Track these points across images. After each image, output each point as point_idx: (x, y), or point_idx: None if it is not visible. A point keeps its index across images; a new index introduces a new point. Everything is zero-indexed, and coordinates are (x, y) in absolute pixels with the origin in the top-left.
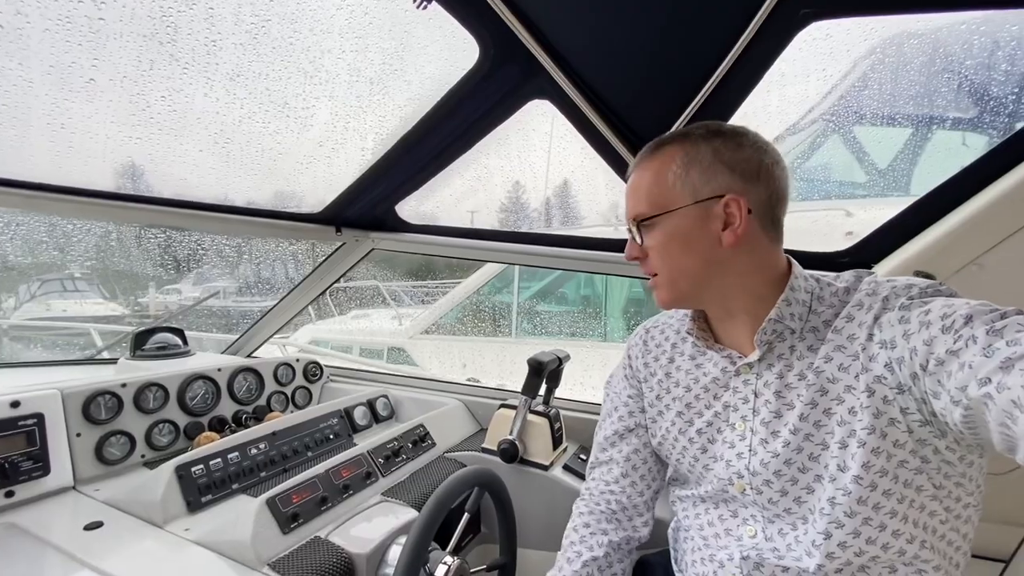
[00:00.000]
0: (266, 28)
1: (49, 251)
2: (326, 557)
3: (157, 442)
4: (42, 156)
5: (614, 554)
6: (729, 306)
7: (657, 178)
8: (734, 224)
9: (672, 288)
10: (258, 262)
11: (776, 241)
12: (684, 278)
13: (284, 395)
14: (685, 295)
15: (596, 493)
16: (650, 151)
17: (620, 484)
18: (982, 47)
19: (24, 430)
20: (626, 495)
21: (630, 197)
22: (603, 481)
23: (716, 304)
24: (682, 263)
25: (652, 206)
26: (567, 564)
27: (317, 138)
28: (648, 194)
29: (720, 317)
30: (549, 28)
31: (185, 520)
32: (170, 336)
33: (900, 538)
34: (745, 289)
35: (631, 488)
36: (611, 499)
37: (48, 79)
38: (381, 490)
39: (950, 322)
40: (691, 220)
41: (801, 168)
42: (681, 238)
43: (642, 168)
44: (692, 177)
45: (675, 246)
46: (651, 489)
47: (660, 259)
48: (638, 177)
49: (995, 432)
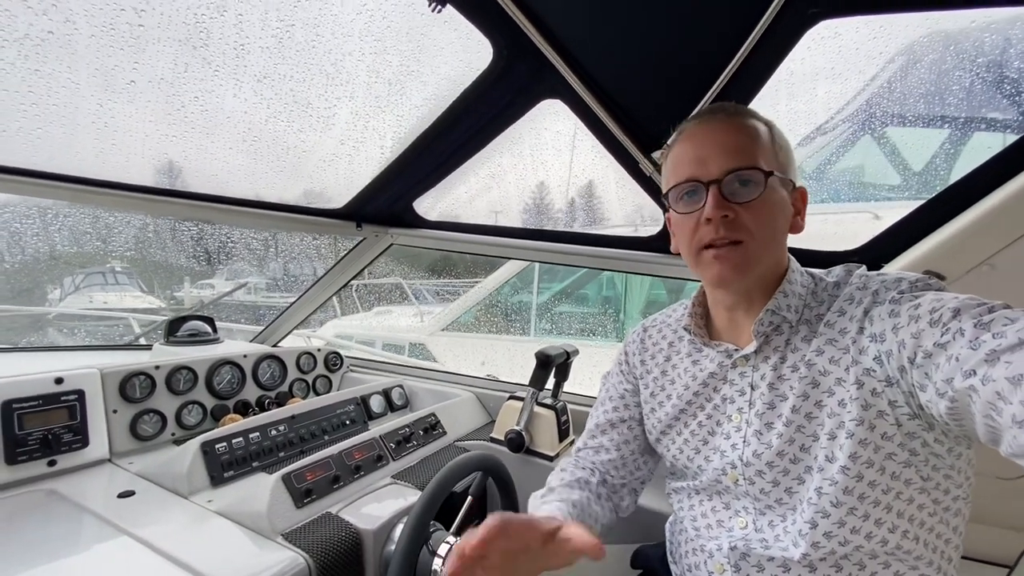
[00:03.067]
0: (291, 32)
1: (93, 241)
2: (336, 531)
3: (186, 421)
4: (87, 152)
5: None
6: (751, 293)
7: (763, 138)
8: (801, 214)
9: (758, 259)
10: (284, 257)
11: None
12: (770, 251)
13: (305, 382)
14: (761, 269)
15: (584, 459)
16: (732, 113)
17: (606, 466)
18: (994, 45)
19: (66, 405)
20: (610, 475)
21: (726, 145)
22: (591, 461)
23: (753, 288)
24: (777, 234)
25: (765, 162)
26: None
27: (339, 137)
28: (760, 148)
29: (734, 305)
30: (560, 29)
31: (208, 493)
32: (201, 324)
33: (882, 527)
34: (765, 279)
35: (616, 472)
36: (595, 470)
37: (93, 81)
38: (391, 473)
39: (938, 316)
40: (788, 194)
41: (806, 167)
42: (780, 206)
43: (739, 123)
44: (781, 156)
45: (777, 212)
46: (635, 478)
47: (761, 222)
48: (740, 126)
49: (980, 424)
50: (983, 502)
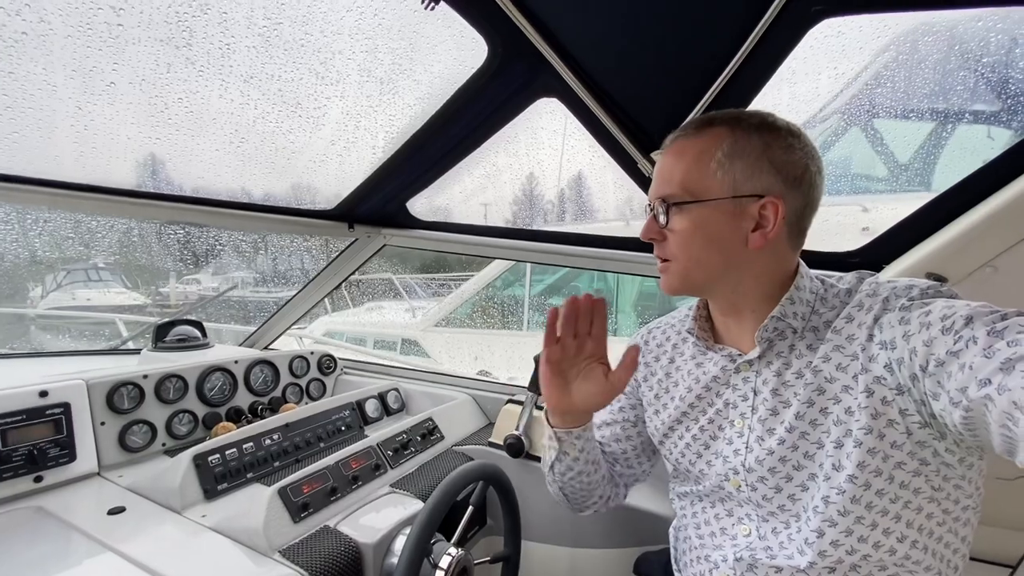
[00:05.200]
0: (278, 31)
1: (75, 247)
2: (334, 546)
3: (177, 431)
4: (67, 156)
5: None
6: (737, 303)
7: (698, 161)
8: (766, 227)
9: (684, 278)
10: (274, 256)
11: (796, 248)
12: (700, 271)
13: (299, 387)
14: (695, 287)
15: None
16: (696, 127)
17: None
18: (999, 44)
19: (52, 418)
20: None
21: (662, 173)
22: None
23: (724, 299)
24: (702, 256)
25: (685, 190)
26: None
27: (329, 137)
28: (685, 176)
29: (725, 312)
30: (557, 26)
31: (202, 507)
32: (190, 329)
33: (890, 536)
34: (756, 289)
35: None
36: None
37: (71, 83)
38: (389, 482)
39: (950, 323)
40: (723, 214)
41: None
42: (708, 231)
43: (683, 145)
44: (735, 169)
45: (700, 237)
46: (627, 475)
47: (679, 247)
48: (676, 154)
49: (995, 434)
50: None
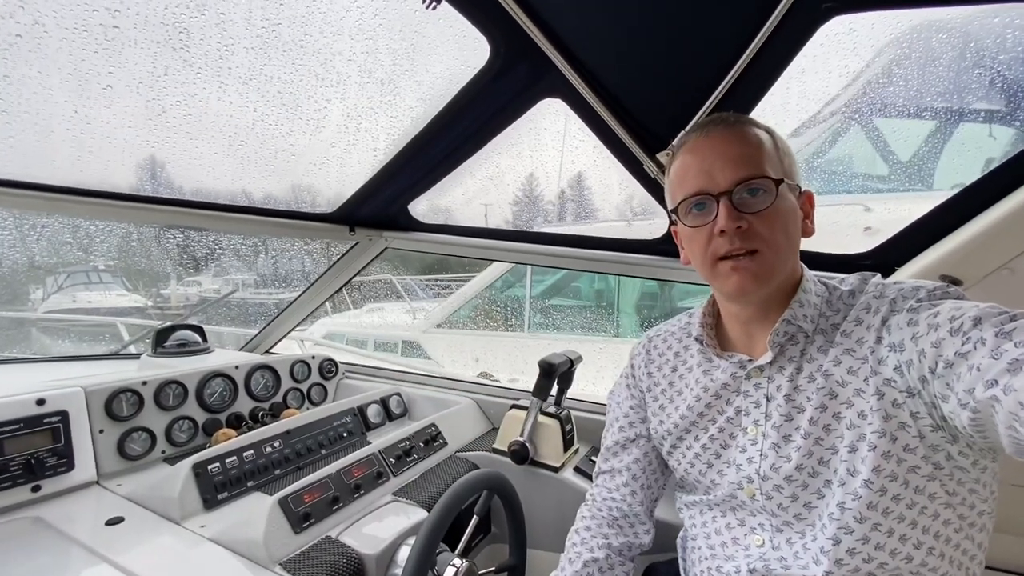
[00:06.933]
0: (277, 32)
1: (73, 251)
2: (336, 557)
3: (177, 438)
4: (64, 160)
5: (615, 557)
6: (769, 303)
7: (766, 145)
8: (809, 218)
9: (775, 268)
10: (274, 259)
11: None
12: (786, 256)
13: (300, 392)
14: (778, 277)
15: (599, 499)
16: (733, 122)
17: (621, 492)
18: (1016, 41)
19: (49, 427)
20: (627, 504)
21: (732, 153)
22: (606, 488)
23: (767, 298)
24: (790, 239)
25: (772, 169)
26: (568, 564)
27: (330, 139)
28: (766, 156)
29: (749, 319)
30: (560, 25)
31: (202, 517)
32: (190, 334)
33: (907, 543)
34: (783, 287)
35: (631, 497)
36: (613, 506)
37: (67, 86)
38: (392, 490)
39: (959, 324)
40: (794, 200)
41: (817, 163)
42: (791, 212)
43: (741, 132)
44: (786, 162)
45: (789, 218)
46: (651, 499)
47: (770, 229)
48: (739, 139)
49: (1004, 435)
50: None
